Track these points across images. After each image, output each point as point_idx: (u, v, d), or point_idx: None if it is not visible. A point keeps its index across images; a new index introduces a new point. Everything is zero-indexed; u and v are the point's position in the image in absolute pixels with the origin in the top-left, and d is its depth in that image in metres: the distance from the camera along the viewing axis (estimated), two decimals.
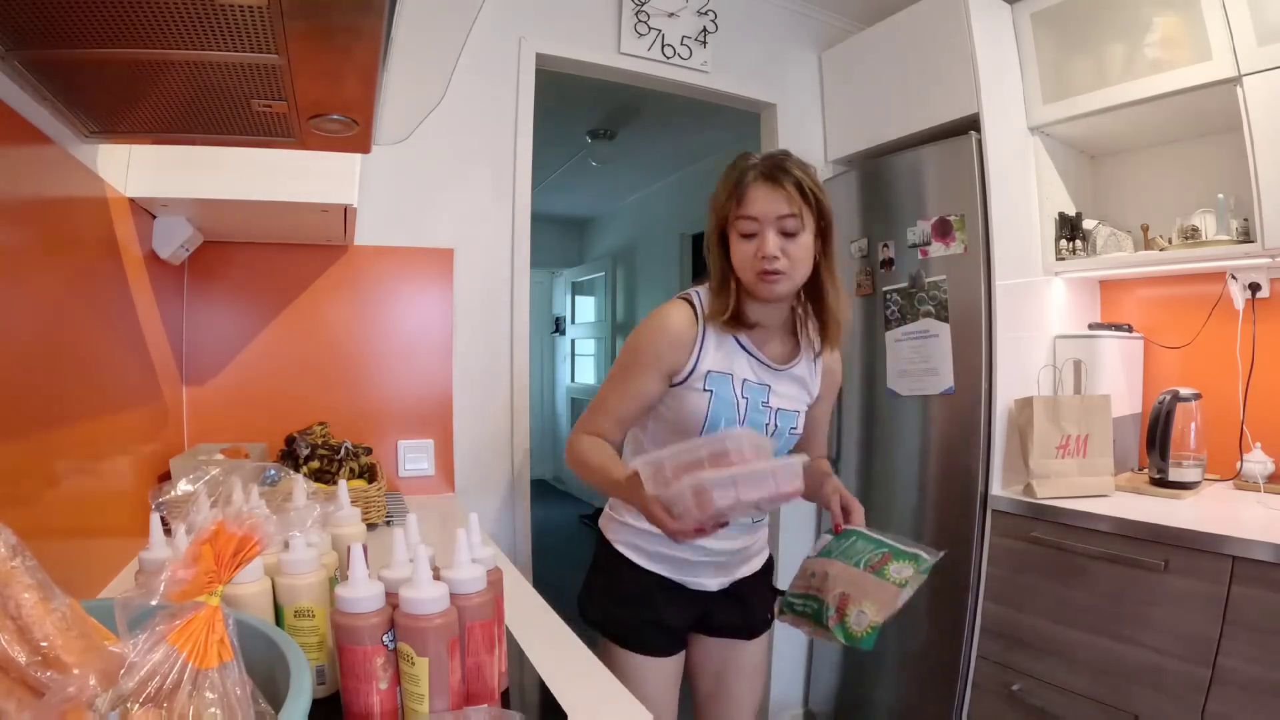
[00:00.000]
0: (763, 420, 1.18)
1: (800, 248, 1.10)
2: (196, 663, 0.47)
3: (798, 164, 1.14)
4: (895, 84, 2.19)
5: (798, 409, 1.23)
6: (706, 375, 1.15)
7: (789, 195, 1.09)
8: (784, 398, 1.21)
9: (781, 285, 1.11)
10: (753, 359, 1.19)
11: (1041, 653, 1.72)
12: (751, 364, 1.19)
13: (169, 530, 0.73)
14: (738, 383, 1.17)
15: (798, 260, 1.11)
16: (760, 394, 1.19)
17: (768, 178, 1.11)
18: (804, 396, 1.25)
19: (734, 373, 1.17)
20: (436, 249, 1.88)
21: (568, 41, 2.03)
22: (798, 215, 1.09)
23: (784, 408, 1.21)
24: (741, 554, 1.30)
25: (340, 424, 1.73)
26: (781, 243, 1.09)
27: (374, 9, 0.62)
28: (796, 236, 1.10)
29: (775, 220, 1.09)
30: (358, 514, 0.92)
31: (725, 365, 1.17)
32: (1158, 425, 1.78)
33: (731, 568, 1.29)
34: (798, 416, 1.23)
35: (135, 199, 1.21)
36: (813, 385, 1.26)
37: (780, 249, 1.09)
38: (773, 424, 1.19)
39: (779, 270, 1.10)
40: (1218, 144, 1.87)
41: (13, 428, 0.82)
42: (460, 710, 0.65)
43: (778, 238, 1.09)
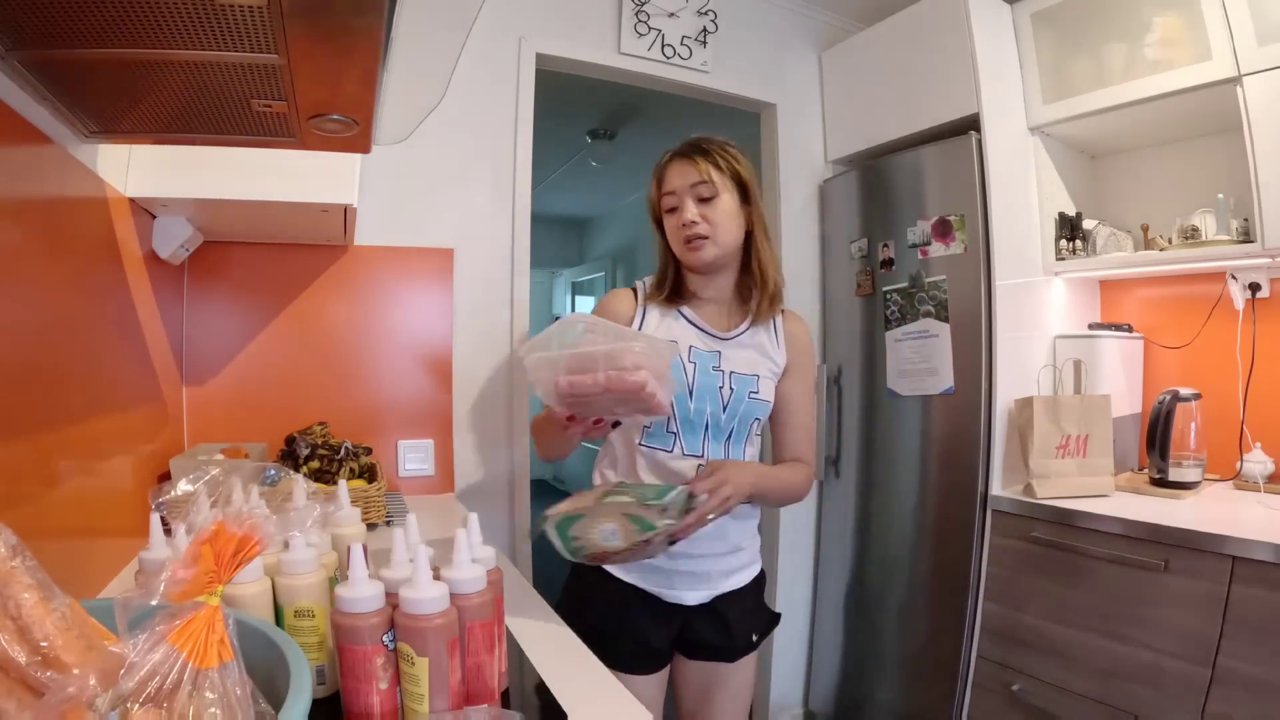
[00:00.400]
0: (715, 383, 1.20)
1: (719, 212, 1.18)
2: (196, 663, 0.47)
3: (711, 140, 1.22)
4: (895, 84, 2.19)
5: (756, 373, 1.22)
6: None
7: (698, 165, 1.18)
8: (738, 362, 1.22)
9: (707, 250, 1.18)
10: (699, 330, 1.24)
11: (1041, 653, 1.72)
12: (698, 335, 1.23)
13: (169, 530, 0.73)
14: (684, 349, 1.20)
15: (718, 224, 1.18)
16: (710, 359, 1.21)
17: (679, 155, 1.21)
18: (766, 364, 1.24)
19: (679, 339, 1.21)
20: (436, 249, 1.88)
21: (568, 41, 2.03)
22: (709, 181, 1.17)
23: (738, 371, 1.21)
24: (725, 565, 1.26)
25: (340, 424, 1.73)
26: (700, 209, 1.18)
27: (374, 9, 0.62)
28: (713, 202, 1.18)
29: (690, 190, 1.18)
30: (358, 514, 0.92)
31: (668, 335, 1.21)
32: (1158, 425, 1.78)
33: (713, 580, 1.25)
34: (757, 380, 1.22)
35: (135, 199, 1.21)
36: (775, 353, 1.26)
37: (699, 215, 1.17)
38: (728, 387, 1.20)
39: (700, 234, 1.17)
40: (1218, 144, 1.87)
41: (13, 428, 0.82)
42: (460, 710, 0.65)
43: (695, 205, 1.18)
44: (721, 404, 1.20)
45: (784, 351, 1.26)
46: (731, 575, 1.27)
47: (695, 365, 1.20)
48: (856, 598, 2.29)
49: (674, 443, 1.21)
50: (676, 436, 1.21)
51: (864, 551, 2.27)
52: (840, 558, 2.35)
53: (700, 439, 1.20)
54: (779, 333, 1.27)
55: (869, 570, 2.25)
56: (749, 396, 1.21)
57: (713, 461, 1.16)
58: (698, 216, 1.17)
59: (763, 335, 1.25)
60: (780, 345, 1.27)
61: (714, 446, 1.21)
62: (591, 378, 0.90)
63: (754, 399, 1.21)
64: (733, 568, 1.27)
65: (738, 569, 1.28)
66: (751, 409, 1.21)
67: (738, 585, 1.28)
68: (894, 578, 2.14)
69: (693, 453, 1.20)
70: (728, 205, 1.19)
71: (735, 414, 1.20)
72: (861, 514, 2.28)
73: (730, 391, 1.20)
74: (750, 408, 1.21)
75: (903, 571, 2.12)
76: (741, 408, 1.21)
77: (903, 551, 2.12)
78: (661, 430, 1.21)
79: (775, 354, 1.26)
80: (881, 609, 2.18)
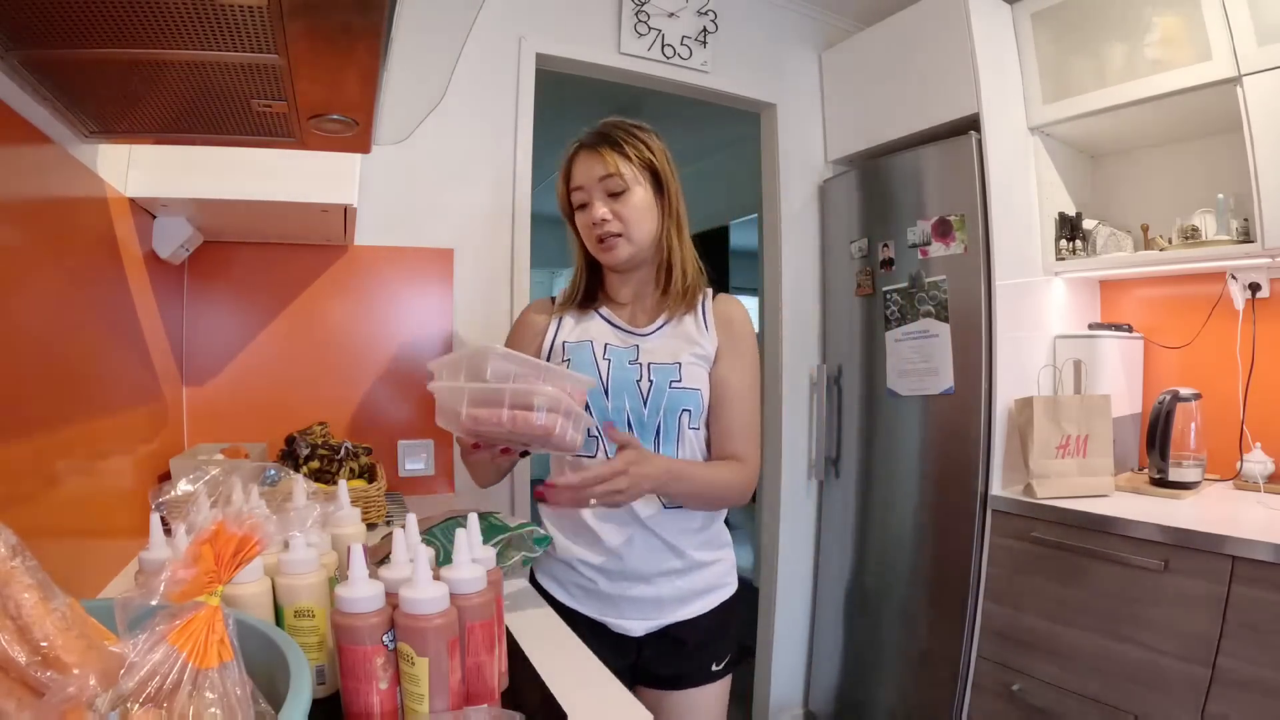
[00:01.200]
0: (632, 377, 1.11)
1: (631, 207, 1.09)
2: (196, 663, 0.47)
3: (620, 126, 1.12)
4: (895, 84, 2.19)
5: (678, 361, 1.11)
6: (564, 346, 1.16)
7: (605, 158, 1.09)
8: (657, 352, 1.13)
9: (621, 249, 1.11)
10: (615, 328, 1.17)
11: (1041, 653, 1.72)
12: (614, 332, 1.17)
13: (169, 530, 0.73)
14: (599, 347, 1.14)
15: (631, 220, 1.09)
16: (627, 354, 1.13)
17: (586, 147, 1.12)
18: (691, 349, 1.13)
19: (593, 339, 1.15)
20: (436, 249, 1.88)
21: (568, 41, 2.03)
22: (616, 174, 1.08)
23: (658, 361, 1.12)
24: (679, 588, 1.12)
25: (340, 424, 1.73)
26: (611, 205, 1.09)
27: (374, 9, 0.62)
28: (623, 196, 1.09)
29: (598, 184, 1.09)
30: (358, 514, 0.92)
31: (583, 335, 1.16)
32: (1158, 425, 1.78)
33: (665, 607, 1.12)
34: (680, 368, 1.11)
35: (135, 199, 1.21)
36: (703, 338, 1.14)
37: (610, 211, 1.09)
38: (646, 379, 1.10)
39: (612, 232, 1.10)
40: (1218, 144, 1.87)
41: (13, 428, 0.82)
42: (460, 710, 0.65)
43: (605, 201, 1.09)
44: (641, 398, 1.10)
45: (713, 335, 1.15)
46: (689, 601, 1.14)
47: (610, 361, 1.12)
48: (856, 598, 2.29)
49: (596, 447, 1.11)
50: (599, 440, 1.11)
51: (864, 551, 2.27)
52: (840, 558, 2.35)
53: None
54: (707, 316, 1.16)
55: (869, 570, 2.25)
56: (670, 386, 1.10)
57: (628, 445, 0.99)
58: (609, 213, 1.09)
59: (688, 322, 1.15)
60: (709, 329, 1.15)
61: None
62: (495, 415, 0.85)
63: (677, 388, 1.10)
64: (691, 591, 1.14)
65: (699, 593, 1.15)
66: (676, 400, 1.10)
67: (698, 612, 1.15)
68: (894, 578, 2.14)
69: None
70: (640, 199, 1.10)
71: (658, 407, 1.10)
72: (861, 514, 2.28)
73: (650, 384, 1.10)
74: (674, 398, 1.10)
75: (903, 571, 2.12)
76: (664, 399, 1.10)
77: (903, 551, 2.12)
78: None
79: (702, 339, 1.14)
80: (881, 609, 2.18)
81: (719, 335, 1.15)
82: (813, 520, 2.45)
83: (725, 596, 1.18)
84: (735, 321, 1.16)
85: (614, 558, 1.12)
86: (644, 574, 1.12)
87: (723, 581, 1.19)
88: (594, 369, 1.12)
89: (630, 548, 1.11)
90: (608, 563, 1.12)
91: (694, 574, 1.14)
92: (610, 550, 1.12)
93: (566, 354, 1.15)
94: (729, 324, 1.16)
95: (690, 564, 1.13)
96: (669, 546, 1.12)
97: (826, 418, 2.38)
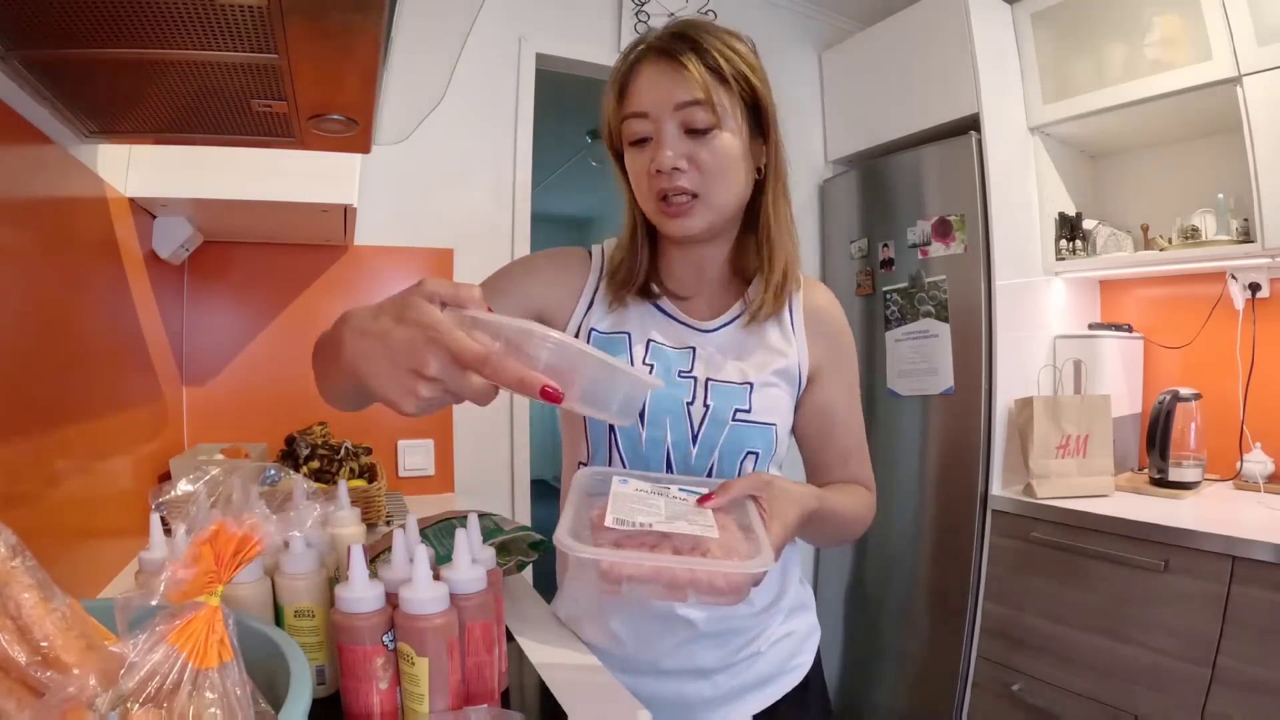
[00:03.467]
0: (681, 396, 0.78)
1: (717, 153, 0.74)
2: (196, 663, 0.47)
3: (712, 29, 0.76)
4: (895, 84, 2.19)
5: (750, 381, 0.79)
6: (590, 335, 0.82)
7: (691, 74, 0.72)
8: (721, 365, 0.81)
9: (696, 216, 0.76)
10: (668, 317, 0.84)
11: (1041, 653, 1.72)
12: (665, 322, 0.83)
13: (169, 530, 0.73)
14: (638, 344, 0.80)
15: (715, 173, 0.74)
16: (679, 361, 0.80)
17: (662, 52, 0.75)
18: (770, 364, 0.81)
19: (631, 331, 0.81)
20: (436, 249, 1.88)
21: (568, 41, 2.03)
22: (706, 102, 0.72)
23: (720, 379, 0.79)
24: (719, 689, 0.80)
25: (340, 424, 1.73)
26: (689, 147, 0.74)
27: (374, 9, 0.62)
28: (709, 136, 0.74)
29: (674, 112, 0.73)
30: (358, 514, 0.92)
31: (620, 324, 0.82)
32: (1158, 425, 1.78)
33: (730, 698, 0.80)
34: (749, 393, 0.78)
35: (135, 199, 1.21)
36: (789, 348, 0.82)
37: (687, 155, 0.74)
38: (701, 403, 0.78)
39: (685, 188, 0.74)
40: (1218, 144, 1.87)
41: (13, 428, 0.82)
42: (460, 710, 0.65)
43: (681, 140, 0.74)
44: (690, 430, 0.77)
45: (804, 342, 0.83)
46: (736, 700, 0.80)
47: (652, 369, 0.78)
48: (856, 598, 2.29)
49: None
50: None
51: (864, 552, 2.27)
52: (840, 558, 2.35)
53: None
54: (795, 315, 0.83)
55: (869, 570, 2.25)
56: (735, 418, 0.77)
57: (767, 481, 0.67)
58: (683, 160, 0.73)
59: (771, 325, 0.83)
60: (796, 333, 0.83)
61: None
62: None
63: (743, 421, 0.77)
64: (738, 688, 0.80)
65: (751, 687, 0.81)
66: (740, 438, 0.77)
67: (770, 700, 0.82)
68: (894, 578, 2.14)
69: None
70: (730, 144, 0.75)
71: (712, 446, 0.77)
72: None
73: (705, 410, 0.78)
74: (738, 436, 0.77)
75: (903, 571, 2.12)
76: (723, 436, 0.77)
77: (903, 551, 2.12)
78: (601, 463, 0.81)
79: (789, 348, 0.82)
80: (881, 609, 2.18)
81: (812, 342, 0.83)
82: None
83: (793, 684, 0.84)
84: (833, 319, 0.86)
85: (614, 640, 0.82)
86: (656, 665, 0.79)
87: (787, 665, 0.85)
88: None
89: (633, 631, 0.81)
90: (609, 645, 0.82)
91: (742, 665, 0.81)
92: (610, 633, 0.82)
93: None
94: (824, 323, 0.85)
95: (737, 650, 0.79)
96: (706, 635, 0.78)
97: None
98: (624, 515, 0.60)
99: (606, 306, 0.83)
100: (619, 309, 0.84)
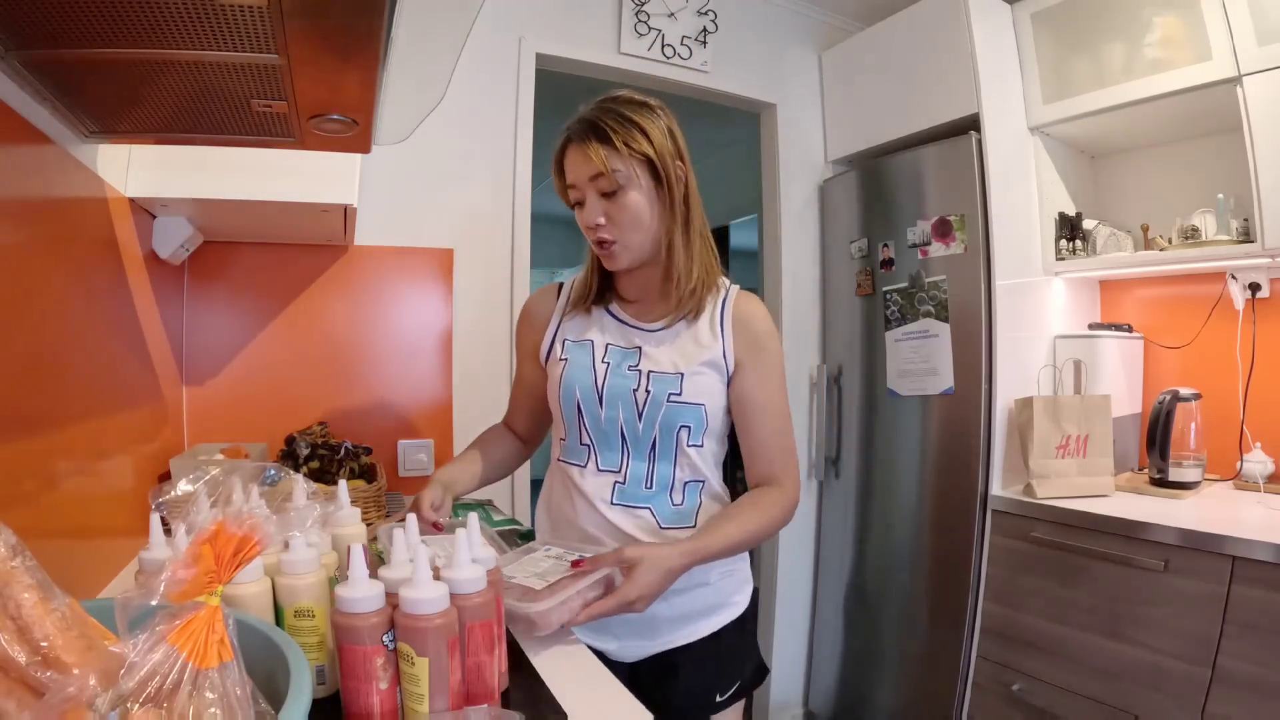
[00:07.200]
0: (629, 385, 1.02)
1: (623, 209, 0.98)
2: (196, 663, 0.47)
3: (612, 111, 0.99)
4: (895, 84, 2.19)
5: (681, 371, 1.02)
6: (564, 344, 1.09)
7: (593, 153, 0.96)
8: (660, 359, 1.03)
9: (620, 255, 1.01)
10: (620, 323, 1.08)
11: (1041, 653, 1.72)
12: (618, 328, 1.08)
13: (169, 530, 0.73)
14: (599, 348, 1.06)
15: (624, 223, 0.99)
16: (628, 357, 1.04)
17: (576, 139, 1.00)
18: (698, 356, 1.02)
19: (594, 339, 1.07)
20: (436, 249, 1.88)
21: (568, 41, 2.03)
22: (606, 173, 0.96)
23: (659, 370, 1.02)
24: (678, 608, 1.02)
25: (340, 424, 1.73)
26: (605, 206, 0.99)
27: (374, 9, 0.62)
28: (616, 197, 0.98)
29: (589, 183, 0.98)
30: (358, 514, 0.92)
31: (585, 333, 1.09)
32: (1158, 425, 1.78)
33: (658, 629, 1.02)
34: (681, 380, 1.01)
35: (135, 199, 1.21)
36: (715, 344, 1.03)
37: (604, 213, 0.99)
38: (644, 389, 1.01)
39: (606, 239, 1.00)
40: (1218, 144, 1.87)
41: (13, 428, 0.82)
42: (460, 710, 0.65)
43: (600, 202, 0.99)
44: (636, 410, 1.01)
45: (729, 338, 1.03)
46: (691, 622, 1.04)
47: (608, 365, 1.03)
48: (856, 598, 2.29)
49: (587, 456, 1.05)
50: (590, 449, 1.05)
51: (864, 551, 2.27)
52: (840, 558, 2.35)
53: (619, 454, 1.03)
54: (724, 318, 1.04)
55: (869, 570, 2.25)
56: (669, 400, 1.00)
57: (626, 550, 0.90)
58: (602, 216, 0.99)
59: (700, 324, 1.04)
60: (724, 333, 1.03)
61: (636, 464, 1.03)
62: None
63: (676, 402, 1.00)
64: (692, 611, 1.03)
65: (700, 614, 1.04)
66: (674, 415, 1.00)
67: (699, 635, 1.04)
68: (894, 578, 2.14)
69: (609, 468, 1.04)
70: (634, 199, 0.98)
71: (653, 421, 1.01)
72: (861, 514, 2.28)
73: (647, 395, 1.01)
74: (672, 414, 1.00)
75: (903, 571, 2.12)
76: (661, 414, 1.00)
77: (903, 551, 2.12)
78: (575, 443, 1.06)
79: (715, 344, 1.03)
80: (881, 609, 2.18)
81: (737, 341, 1.03)
82: (813, 520, 2.45)
83: (733, 616, 1.06)
84: (756, 324, 1.04)
85: None
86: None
87: (729, 600, 1.07)
88: (590, 372, 1.04)
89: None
90: None
91: (695, 592, 1.03)
92: None
93: (565, 353, 1.08)
94: (748, 328, 1.04)
95: (691, 581, 0.99)
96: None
97: (826, 418, 2.38)
98: (510, 572, 0.90)
99: (574, 320, 1.12)
100: (584, 318, 1.11)
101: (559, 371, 1.07)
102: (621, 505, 1.03)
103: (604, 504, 1.04)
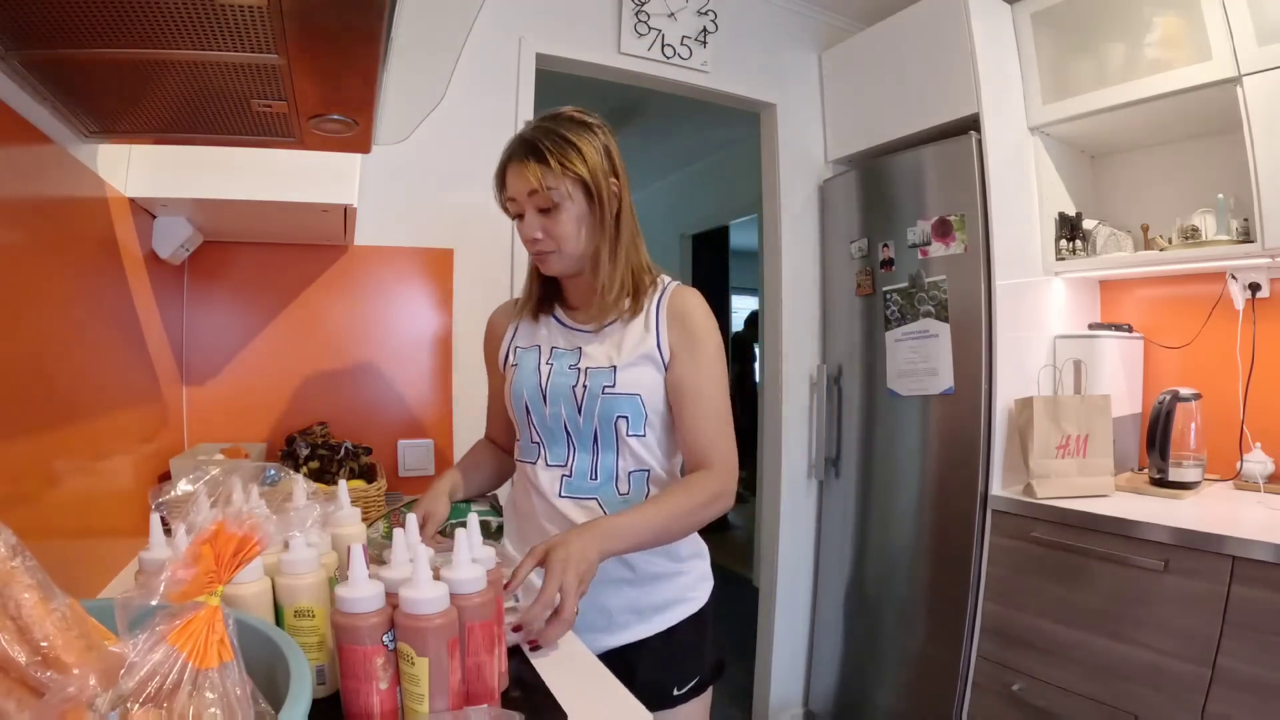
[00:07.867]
0: (569, 382, 1.07)
1: (560, 224, 1.03)
2: (196, 663, 0.47)
3: (551, 131, 1.03)
4: (895, 84, 2.19)
5: (614, 364, 1.06)
6: (515, 351, 1.15)
7: (530, 171, 1.01)
8: (596, 356, 1.08)
9: (553, 264, 1.06)
10: (564, 327, 1.14)
11: (1041, 653, 1.72)
12: (563, 332, 1.13)
13: (169, 530, 0.73)
14: (544, 351, 1.12)
15: (562, 237, 1.03)
16: (570, 358, 1.09)
17: (516, 155, 1.04)
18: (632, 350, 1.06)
19: (540, 344, 1.13)
20: (436, 249, 1.88)
21: (568, 41, 2.03)
22: (540, 191, 1.01)
23: (595, 365, 1.07)
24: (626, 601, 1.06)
25: (340, 424, 1.73)
26: (542, 221, 1.03)
27: (374, 9, 0.62)
28: (552, 213, 1.02)
29: (527, 198, 1.02)
30: (358, 514, 0.92)
31: (533, 339, 1.15)
32: (1158, 425, 1.78)
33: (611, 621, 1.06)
34: (615, 373, 1.05)
35: (135, 199, 1.21)
36: (649, 336, 1.07)
37: (541, 227, 1.03)
38: (582, 384, 1.06)
39: (544, 251, 1.05)
40: (1218, 144, 1.87)
41: (13, 428, 0.82)
42: (460, 710, 0.65)
43: (536, 215, 1.03)
44: (576, 405, 1.06)
45: (663, 330, 1.07)
46: (645, 619, 1.07)
47: (552, 367, 1.09)
48: (856, 598, 2.29)
49: (538, 454, 1.10)
50: (540, 446, 1.10)
51: (864, 551, 2.27)
52: (840, 558, 2.35)
53: (565, 448, 1.08)
54: (659, 313, 1.08)
55: (869, 570, 2.25)
56: (604, 392, 1.04)
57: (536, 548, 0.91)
58: (538, 230, 1.03)
59: (637, 321, 1.09)
60: (658, 326, 1.07)
61: (581, 456, 1.07)
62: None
63: (610, 394, 1.04)
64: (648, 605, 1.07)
65: (655, 608, 1.07)
66: (610, 406, 1.04)
67: (652, 632, 1.07)
68: (894, 578, 2.15)
69: (557, 463, 1.09)
70: (569, 215, 1.03)
71: (592, 414, 1.05)
72: (861, 514, 2.28)
73: (584, 389, 1.05)
74: (608, 404, 1.04)
75: (903, 571, 2.12)
76: (598, 406, 1.04)
77: (903, 551, 2.12)
78: (527, 441, 1.12)
79: (649, 337, 1.07)
80: (881, 609, 2.18)
81: (671, 332, 1.06)
82: (813, 520, 2.45)
83: (690, 612, 1.09)
84: (689, 315, 1.07)
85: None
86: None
87: (685, 596, 1.09)
88: (536, 374, 1.09)
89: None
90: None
91: (648, 586, 1.07)
92: None
93: (515, 359, 1.14)
94: (682, 319, 1.07)
95: (642, 575, 1.05)
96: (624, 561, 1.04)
97: (826, 418, 2.38)
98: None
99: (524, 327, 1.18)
100: (533, 325, 1.17)
101: (511, 377, 1.13)
102: (570, 497, 1.08)
103: (555, 497, 1.08)
